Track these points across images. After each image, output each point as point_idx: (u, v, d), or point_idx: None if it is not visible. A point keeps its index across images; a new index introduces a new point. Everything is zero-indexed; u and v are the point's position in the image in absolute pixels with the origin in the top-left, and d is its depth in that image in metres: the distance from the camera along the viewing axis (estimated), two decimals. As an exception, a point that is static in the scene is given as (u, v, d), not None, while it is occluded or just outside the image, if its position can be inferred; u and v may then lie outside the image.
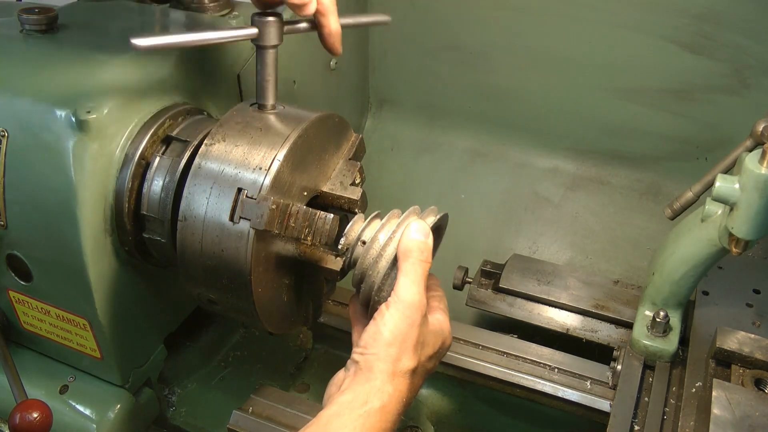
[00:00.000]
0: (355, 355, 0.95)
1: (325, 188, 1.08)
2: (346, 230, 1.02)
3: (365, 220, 1.04)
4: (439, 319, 1.03)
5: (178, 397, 1.48)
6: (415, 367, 0.95)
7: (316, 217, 0.98)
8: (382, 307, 0.95)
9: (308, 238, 0.99)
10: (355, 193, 1.08)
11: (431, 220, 1.02)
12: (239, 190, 0.97)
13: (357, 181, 1.11)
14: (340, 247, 1.01)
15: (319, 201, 1.09)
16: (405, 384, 0.94)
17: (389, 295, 0.97)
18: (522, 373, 1.31)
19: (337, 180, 1.10)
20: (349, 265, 1.03)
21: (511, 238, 1.86)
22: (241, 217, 0.94)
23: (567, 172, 1.89)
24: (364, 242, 1.01)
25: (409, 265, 0.96)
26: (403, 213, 1.03)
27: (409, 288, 0.95)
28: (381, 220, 1.03)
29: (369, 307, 1.01)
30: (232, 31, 1.07)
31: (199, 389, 1.51)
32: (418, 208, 1.05)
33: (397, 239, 0.98)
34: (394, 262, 0.98)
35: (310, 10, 1.03)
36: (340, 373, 0.98)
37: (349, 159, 1.13)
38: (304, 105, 1.11)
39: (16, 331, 1.31)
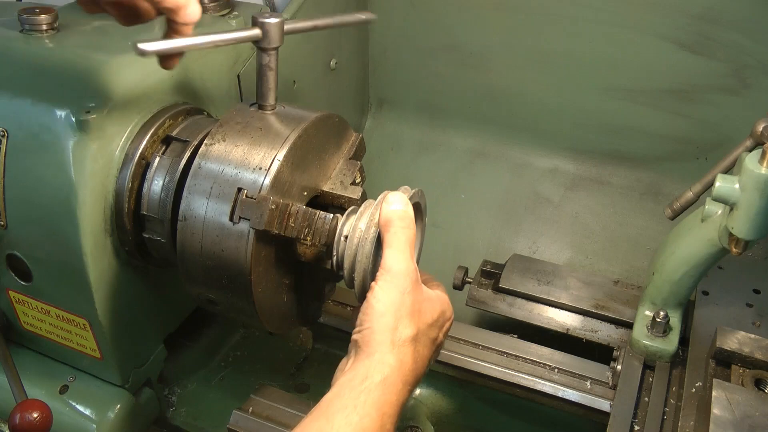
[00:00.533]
0: (353, 336, 0.93)
1: (326, 188, 1.08)
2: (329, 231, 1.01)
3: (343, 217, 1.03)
4: (437, 292, 1.02)
5: (178, 397, 1.48)
6: (416, 334, 0.92)
7: (316, 217, 0.98)
8: (372, 283, 0.93)
9: (308, 238, 0.99)
10: (355, 193, 1.08)
11: (408, 194, 1.01)
12: (239, 190, 0.97)
13: (357, 181, 1.11)
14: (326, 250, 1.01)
15: (319, 200, 1.09)
16: (408, 353, 0.91)
17: None
18: (522, 373, 1.31)
19: (337, 179, 1.10)
20: (339, 265, 1.02)
21: (511, 238, 1.86)
22: (240, 217, 0.94)
23: (567, 172, 1.89)
24: (346, 237, 1.00)
25: (391, 235, 0.94)
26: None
27: (395, 257, 0.93)
28: (358, 212, 1.02)
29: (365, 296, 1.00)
30: (235, 33, 1.07)
31: (199, 389, 1.51)
32: (389, 191, 1.03)
33: (377, 218, 0.97)
34: (380, 241, 0.96)
35: (189, 17, 0.97)
36: (344, 360, 0.96)
37: (350, 158, 1.13)
38: (304, 105, 1.11)
39: (16, 331, 1.31)
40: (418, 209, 1.08)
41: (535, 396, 1.32)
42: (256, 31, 1.04)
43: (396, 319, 0.91)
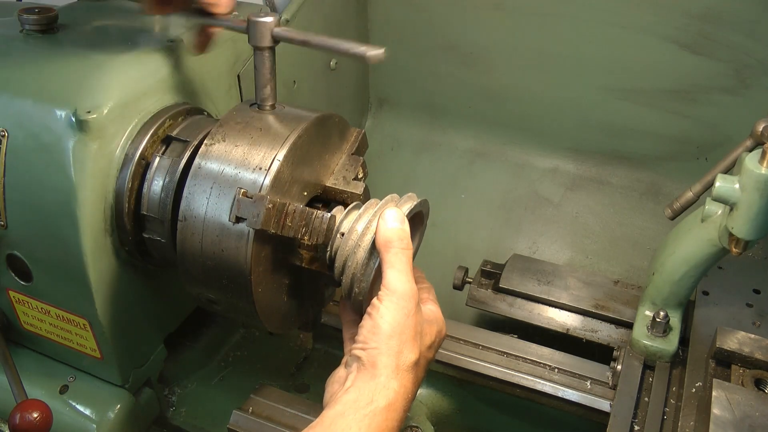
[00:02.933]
0: (356, 351, 0.93)
1: (329, 183, 1.09)
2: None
3: (344, 212, 1.04)
4: (432, 309, 1.03)
5: (178, 397, 1.48)
6: (417, 359, 0.94)
7: (313, 216, 0.98)
8: (375, 300, 0.94)
9: (305, 238, 0.98)
10: (357, 188, 1.08)
11: (407, 207, 1.01)
12: (239, 189, 0.96)
13: (360, 176, 1.11)
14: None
15: (322, 196, 1.09)
16: (409, 379, 0.92)
17: (368, 285, 0.96)
18: (522, 373, 1.31)
19: (340, 175, 1.10)
20: (331, 259, 1.02)
21: (511, 238, 1.86)
22: (237, 216, 0.94)
23: (567, 172, 1.89)
24: (342, 234, 1.00)
25: (392, 256, 0.94)
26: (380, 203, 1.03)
27: (398, 278, 0.94)
28: (359, 210, 1.03)
29: (351, 298, 1.01)
30: (227, 21, 1.12)
31: (199, 389, 1.51)
32: (396, 196, 1.04)
33: (374, 228, 0.97)
34: (372, 250, 0.97)
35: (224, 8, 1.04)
36: (341, 370, 0.97)
37: (352, 154, 1.13)
38: (304, 105, 1.11)
39: (16, 331, 1.31)
40: (420, 217, 1.09)
41: (535, 396, 1.32)
42: (243, 26, 1.06)
43: (401, 342, 0.92)
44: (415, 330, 0.94)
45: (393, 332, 0.92)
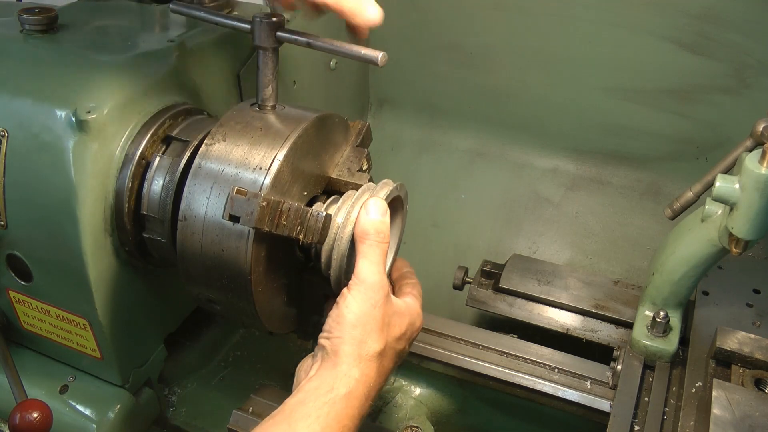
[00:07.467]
0: (321, 340, 0.95)
1: (333, 174, 1.09)
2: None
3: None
4: (408, 302, 1.03)
5: (178, 397, 1.48)
6: (383, 349, 0.94)
7: (308, 214, 0.97)
8: (344, 290, 0.95)
9: (300, 236, 0.98)
10: (362, 179, 1.08)
11: (384, 193, 1.02)
12: (233, 187, 0.96)
13: (364, 168, 1.11)
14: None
15: (326, 188, 1.09)
16: (372, 368, 0.93)
17: None
18: (522, 373, 1.31)
19: (344, 166, 1.10)
20: (317, 256, 1.03)
21: (511, 238, 1.86)
22: (230, 214, 0.94)
23: (567, 172, 1.89)
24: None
25: (366, 247, 0.96)
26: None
27: (368, 269, 0.95)
28: (338, 203, 1.03)
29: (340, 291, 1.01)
30: (233, 20, 1.10)
31: (199, 389, 1.51)
32: (372, 185, 1.05)
33: (353, 220, 0.98)
34: (353, 242, 0.98)
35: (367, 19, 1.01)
36: (308, 359, 0.98)
37: (356, 146, 1.13)
38: (304, 105, 1.11)
39: (16, 331, 1.31)
40: (399, 201, 1.10)
41: (535, 396, 1.32)
42: (247, 26, 1.05)
43: (365, 332, 0.93)
44: (383, 321, 0.95)
45: (357, 322, 0.92)
